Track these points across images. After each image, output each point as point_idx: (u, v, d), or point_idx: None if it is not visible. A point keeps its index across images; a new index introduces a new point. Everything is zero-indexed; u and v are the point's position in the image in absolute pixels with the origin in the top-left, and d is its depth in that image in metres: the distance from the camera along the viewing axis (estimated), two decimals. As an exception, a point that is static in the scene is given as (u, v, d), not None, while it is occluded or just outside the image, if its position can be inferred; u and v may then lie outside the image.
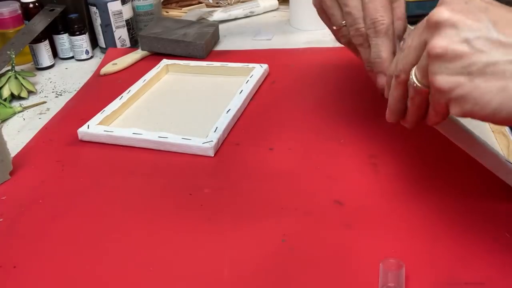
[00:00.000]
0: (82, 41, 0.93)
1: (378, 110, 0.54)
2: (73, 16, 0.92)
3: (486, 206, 0.50)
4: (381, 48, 0.51)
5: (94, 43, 0.97)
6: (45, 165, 0.62)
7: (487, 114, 0.34)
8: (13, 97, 0.80)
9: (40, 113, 0.77)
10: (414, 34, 0.40)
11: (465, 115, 0.36)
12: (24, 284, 0.45)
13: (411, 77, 0.40)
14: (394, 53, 0.52)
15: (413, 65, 0.40)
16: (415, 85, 0.40)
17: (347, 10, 0.52)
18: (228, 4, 1.15)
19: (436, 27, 0.36)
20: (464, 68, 0.34)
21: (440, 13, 0.36)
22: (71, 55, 0.95)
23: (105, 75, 0.86)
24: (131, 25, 0.96)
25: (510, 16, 0.35)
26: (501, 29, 0.34)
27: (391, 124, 0.49)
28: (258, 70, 0.79)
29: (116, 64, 0.87)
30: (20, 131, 0.72)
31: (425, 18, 0.38)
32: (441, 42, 0.35)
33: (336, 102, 0.71)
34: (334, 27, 0.55)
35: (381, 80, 0.51)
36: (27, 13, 0.89)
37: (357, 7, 0.51)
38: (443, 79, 0.35)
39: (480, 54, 0.34)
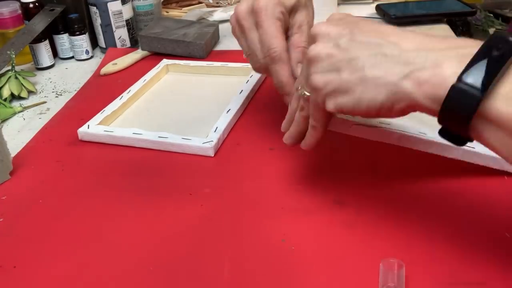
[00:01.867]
0: (82, 41, 0.93)
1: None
2: (73, 16, 0.92)
3: (486, 206, 0.50)
4: (279, 73, 0.56)
5: (94, 43, 0.97)
6: (45, 165, 0.62)
7: (354, 105, 0.39)
8: (13, 97, 0.80)
9: (40, 113, 0.77)
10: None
11: (339, 109, 0.41)
12: (24, 284, 0.45)
13: (300, 89, 0.45)
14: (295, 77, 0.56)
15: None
16: (303, 94, 0.45)
17: (247, 43, 0.58)
18: (228, 4, 1.15)
19: (314, 38, 0.43)
20: (333, 65, 0.40)
21: (317, 27, 0.43)
22: (71, 55, 0.95)
23: (105, 75, 0.86)
24: (131, 25, 0.96)
25: (375, 27, 0.40)
26: (365, 33, 0.39)
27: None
28: (258, 70, 0.79)
29: (116, 64, 0.87)
30: (20, 131, 0.72)
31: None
32: (315, 48, 0.41)
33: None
34: (244, 56, 0.60)
35: (286, 101, 0.57)
36: (27, 13, 0.89)
37: (254, 40, 0.57)
38: (317, 78, 0.41)
39: (345, 52, 0.39)
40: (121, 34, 0.95)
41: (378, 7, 1.05)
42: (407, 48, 0.36)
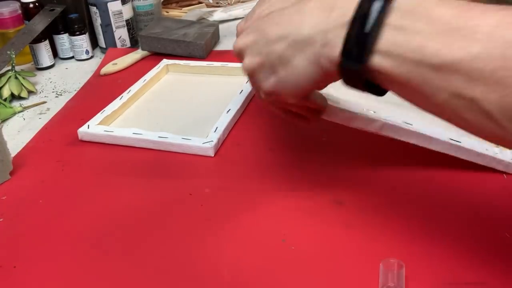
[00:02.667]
0: (82, 41, 0.93)
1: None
2: (73, 16, 0.92)
3: (486, 206, 0.50)
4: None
5: (94, 43, 0.97)
6: (45, 165, 0.62)
7: (291, 85, 0.43)
8: (13, 97, 0.80)
9: (40, 113, 0.77)
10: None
11: (276, 90, 0.44)
12: (24, 284, 0.45)
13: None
14: None
15: None
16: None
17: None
18: (228, 4, 1.15)
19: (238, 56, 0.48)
20: (266, 69, 0.44)
21: (234, 46, 0.48)
22: (71, 55, 0.95)
23: (105, 75, 0.86)
24: (131, 25, 0.96)
25: (275, 20, 0.43)
26: (268, 33, 0.43)
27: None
28: (258, 70, 0.79)
29: (116, 64, 0.87)
30: (20, 131, 0.72)
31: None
32: (246, 65, 0.46)
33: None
34: None
35: None
36: (27, 13, 0.89)
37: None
38: (245, 64, 0.46)
39: (269, 55, 0.43)
40: (121, 34, 0.95)
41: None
42: (311, 25, 0.40)
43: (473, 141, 0.52)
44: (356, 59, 0.36)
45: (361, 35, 0.36)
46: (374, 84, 0.38)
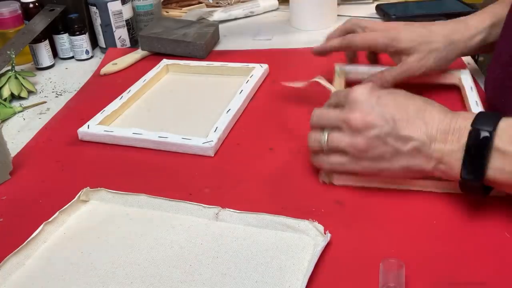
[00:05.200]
0: (82, 41, 0.93)
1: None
2: (73, 16, 0.92)
3: (486, 206, 0.50)
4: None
5: (94, 43, 0.97)
6: (45, 165, 0.62)
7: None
8: (13, 97, 0.80)
9: (40, 113, 0.77)
10: (329, 109, 0.54)
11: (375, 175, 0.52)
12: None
13: (324, 138, 0.53)
14: None
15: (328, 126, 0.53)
16: (323, 145, 0.53)
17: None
18: (228, 4, 1.15)
19: (355, 130, 0.50)
20: (382, 153, 0.49)
21: (355, 120, 0.49)
22: (71, 55, 0.95)
23: (105, 75, 0.86)
24: (131, 25, 0.96)
25: (401, 112, 0.49)
26: (397, 125, 0.48)
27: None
28: (258, 70, 0.79)
29: (116, 64, 0.87)
30: (20, 131, 0.72)
31: (344, 117, 0.51)
32: (363, 143, 0.49)
33: (336, 102, 0.71)
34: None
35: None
36: (27, 13, 0.89)
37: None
38: (367, 162, 0.50)
39: (389, 146, 0.49)
40: (121, 34, 0.95)
41: (378, 7, 1.05)
42: (431, 137, 0.47)
43: None
44: (474, 178, 0.45)
45: (476, 160, 0.45)
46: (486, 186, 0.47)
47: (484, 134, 0.44)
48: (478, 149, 0.45)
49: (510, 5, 0.64)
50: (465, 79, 0.70)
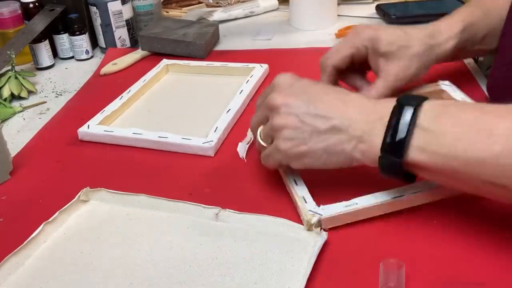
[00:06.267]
0: (82, 41, 0.93)
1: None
2: (73, 16, 0.92)
3: (486, 206, 0.50)
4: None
5: (94, 43, 0.97)
6: (45, 165, 0.62)
7: (320, 166, 0.49)
8: (13, 97, 0.80)
9: (40, 113, 0.77)
10: (258, 108, 0.54)
11: (303, 168, 0.50)
12: (24, 284, 0.45)
13: (257, 136, 0.54)
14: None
15: (259, 126, 0.54)
16: (259, 142, 0.53)
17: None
18: (228, 4, 1.15)
19: (274, 109, 0.49)
20: (300, 134, 0.48)
21: (274, 99, 0.49)
22: (71, 55, 0.95)
23: (105, 75, 0.86)
24: (131, 25, 0.96)
25: (321, 95, 0.49)
26: (316, 105, 0.48)
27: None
28: (258, 70, 0.79)
29: (116, 64, 0.87)
30: (20, 131, 0.72)
31: (265, 101, 0.51)
32: (280, 121, 0.49)
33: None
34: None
35: None
36: (27, 13, 0.89)
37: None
38: (285, 143, 0.49)
39: (306, 125, 0.47)
40: (121, 34, 0.95)
41: (378, 7, 1.05)
42: (351, 119, 0.46)
43: None
44: (395, 155, 0.43)
45: (397, 136, 0.43)
46: (407, 173, 0.45)
47: (408, 109, 0.43)
48: (400, 125, 0.43)
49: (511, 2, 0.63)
50: (449, 90, 0.64)
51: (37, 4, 0.90)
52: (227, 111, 0.68)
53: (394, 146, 0.43)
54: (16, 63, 0.82)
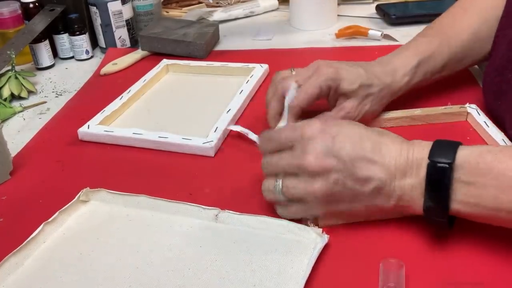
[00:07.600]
0: (82, 41, 0.93)
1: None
2: (73, 16, 0.92)
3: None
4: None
5: (94, 43, 0.97)
6: (45, 165, 0.62)
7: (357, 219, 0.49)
8: (13, 97, 0.80)
9: (40, 113, 0.77)
10: (280, 157, 0.49)
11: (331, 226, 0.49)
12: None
13: (276, 187, 0.49)
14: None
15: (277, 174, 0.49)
16: (276, 195, 0.49)
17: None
18: (228, 4, 1.15)
19: (310, 173, 0.46)
20: (340, 197, 0.46)
21: (309, 162, 0.45)
22: (71, 55, 0.95)
23: (105, 75, 0.86)
24: (131, 25, 0.96)
25: (357, 150, 0.45)
26: (354, 165, 0.45)
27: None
28: (258, 70, 0.79)
29: (116, 64, 0.87)
30: (20, 131, 0.72)
31: (296, 162, 0.46)
32: (321, 187, 0.45)
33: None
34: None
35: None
36: (27, 13, 0.89)
37: None
38: (322, 207, 0.47)
39: (348, 189, 0.46)
40: (121, 34, 0.95)
41: (378, 7, 1.05)
42: (390, 173, 0.45)
43: None
44: (437, 215, 0.44)
45: (437, 193, 0.43)
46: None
47: (443, 166, 0.42)
48: (438, 182, 0.43)
49: (504, 7, 0.63)
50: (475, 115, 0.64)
51: (37, 4, 0.90)
52: (227, 111, 0.68)
53: (436, 204, 0.44)
54: (16, 63, 0.82)
